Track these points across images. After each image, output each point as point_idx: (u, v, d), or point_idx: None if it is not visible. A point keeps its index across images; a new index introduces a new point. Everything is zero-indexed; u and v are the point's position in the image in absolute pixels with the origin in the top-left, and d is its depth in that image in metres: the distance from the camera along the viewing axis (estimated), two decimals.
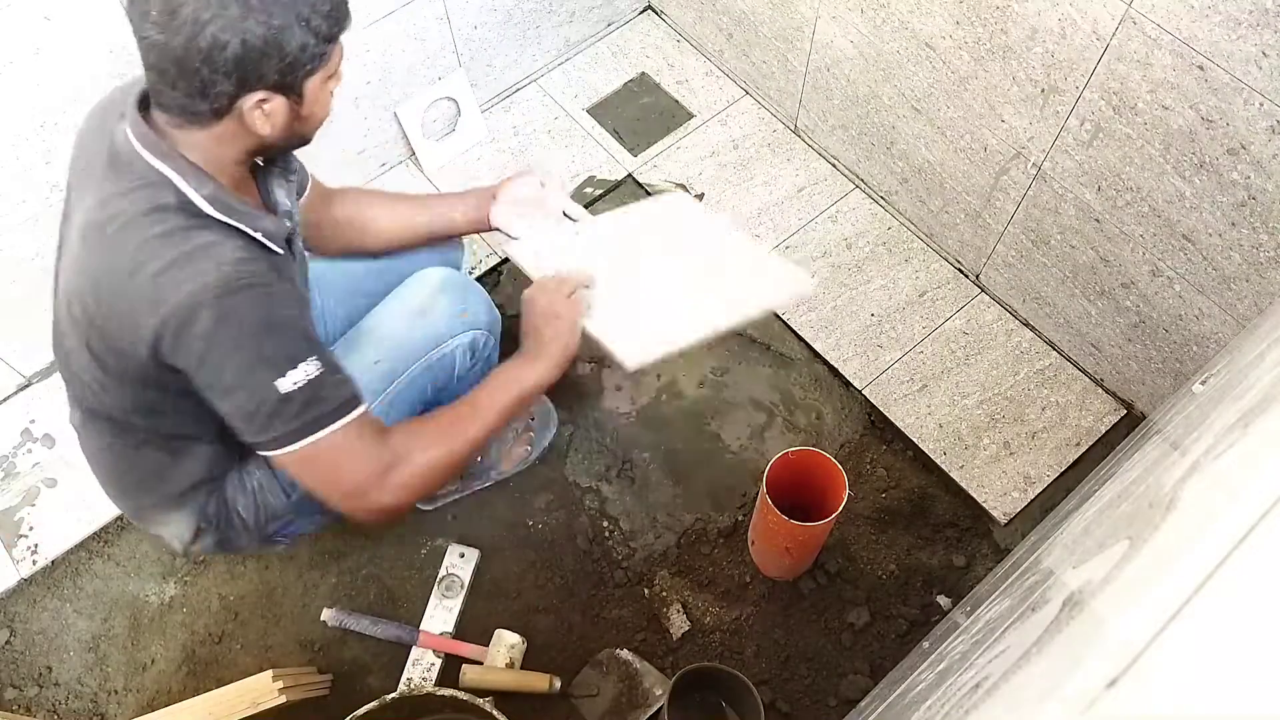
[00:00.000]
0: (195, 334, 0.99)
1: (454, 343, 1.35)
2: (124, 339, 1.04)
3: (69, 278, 1.08)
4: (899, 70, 1.68)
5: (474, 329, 1.35)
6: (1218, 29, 1.19)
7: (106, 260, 1.02)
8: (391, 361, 1.32)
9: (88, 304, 1.05)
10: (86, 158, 1.09)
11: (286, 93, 1.01)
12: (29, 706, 1.55)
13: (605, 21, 2.17)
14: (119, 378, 1.11)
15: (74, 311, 1.08)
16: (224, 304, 0.99)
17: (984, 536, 1.66)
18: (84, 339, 1.09)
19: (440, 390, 1.38)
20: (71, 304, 1.08)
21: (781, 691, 1.54)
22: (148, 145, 1.01)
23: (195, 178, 1.02)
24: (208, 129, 1.01)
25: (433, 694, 1.34)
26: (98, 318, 1.05)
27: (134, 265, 0.99)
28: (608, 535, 1.67)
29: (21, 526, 1.66)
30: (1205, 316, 1.47)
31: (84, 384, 1.16)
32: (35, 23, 1.35)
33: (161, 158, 1.01)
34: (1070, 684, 0.54)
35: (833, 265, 1.90)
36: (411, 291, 1.35)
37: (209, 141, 1.02)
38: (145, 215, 1.00)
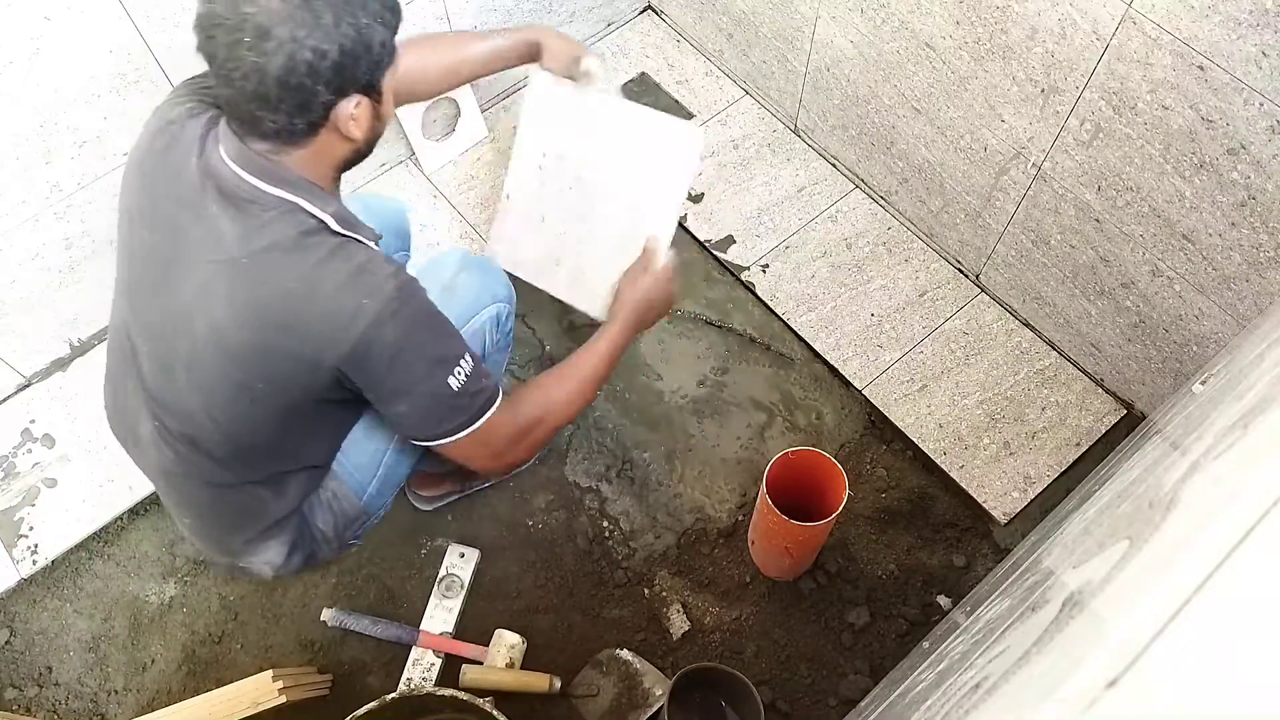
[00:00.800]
0: (386, 343, 1.04)
1: (482, 316, 1.36)
2: (302, 362, 1.05)
3: (209, 314, 1.05)
4: (899, 70, 1.68)
5: (497, 302, 1.39)
6: (1218, 29, 1.19)
7: (272, 289, 1.02)
8: None
9: (246, 337, 1.04)
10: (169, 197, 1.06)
11: (369, 93, 1.04)
12: (29, 706, 1.55)
13: (605, 21, 2.17)
14: (268, 407, 1.10)
15: (220, 347, 1.05)
16: (404, 313, 1.05)
17: (984, 536, 1.66)
18: (234, 372, 1.06)
19: None
20: (216, 339, 1.05)
21: (781, 691, 1.54)
22: (261, 175, 1.02)
23: (318, 198, 1.05)
24: (305, 147, 1.04)
25: (433, 694, 1.34)
26: (265, 347, 1.04)
27: (308, 289, 1.02)
28: (608, 535, 1.67)
29: (21, 526, 1.66)
30: (1205, 316, 1.47)
31: (201, 425, 1.12)
32: (35, 23, 1.35)
33: (280, 184, 1.03)
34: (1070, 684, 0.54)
35: (833, 265, 1.90)
36: (434, 272, 1.36)
37: (309, 159, 1.05)
38: (298, 240, 1.03)
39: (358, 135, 1.06)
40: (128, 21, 1.43)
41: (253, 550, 1.28)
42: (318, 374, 1.06)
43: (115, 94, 1.49)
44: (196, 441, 1.14)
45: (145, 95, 1.52)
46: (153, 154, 1.09)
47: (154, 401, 1.15)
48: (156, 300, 1.09)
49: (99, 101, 1.48)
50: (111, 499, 1.68)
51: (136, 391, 1.17)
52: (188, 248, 1.05)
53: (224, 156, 1.03)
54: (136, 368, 1.15)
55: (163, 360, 1.11)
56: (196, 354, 1.07)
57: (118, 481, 1.69)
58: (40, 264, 1.62)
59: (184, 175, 1.05)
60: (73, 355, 1.80)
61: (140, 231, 1.11)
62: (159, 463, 1.21)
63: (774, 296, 1.87)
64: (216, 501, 1.22)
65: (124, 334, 1.16)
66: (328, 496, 1.31)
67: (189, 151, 1.06)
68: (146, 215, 1.10)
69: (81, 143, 1.51)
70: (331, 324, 1.03)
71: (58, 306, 1.70)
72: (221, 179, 1.03)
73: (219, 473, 1.18)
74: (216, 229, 1.03)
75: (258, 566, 1.30)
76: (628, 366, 1.81)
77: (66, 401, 1.77)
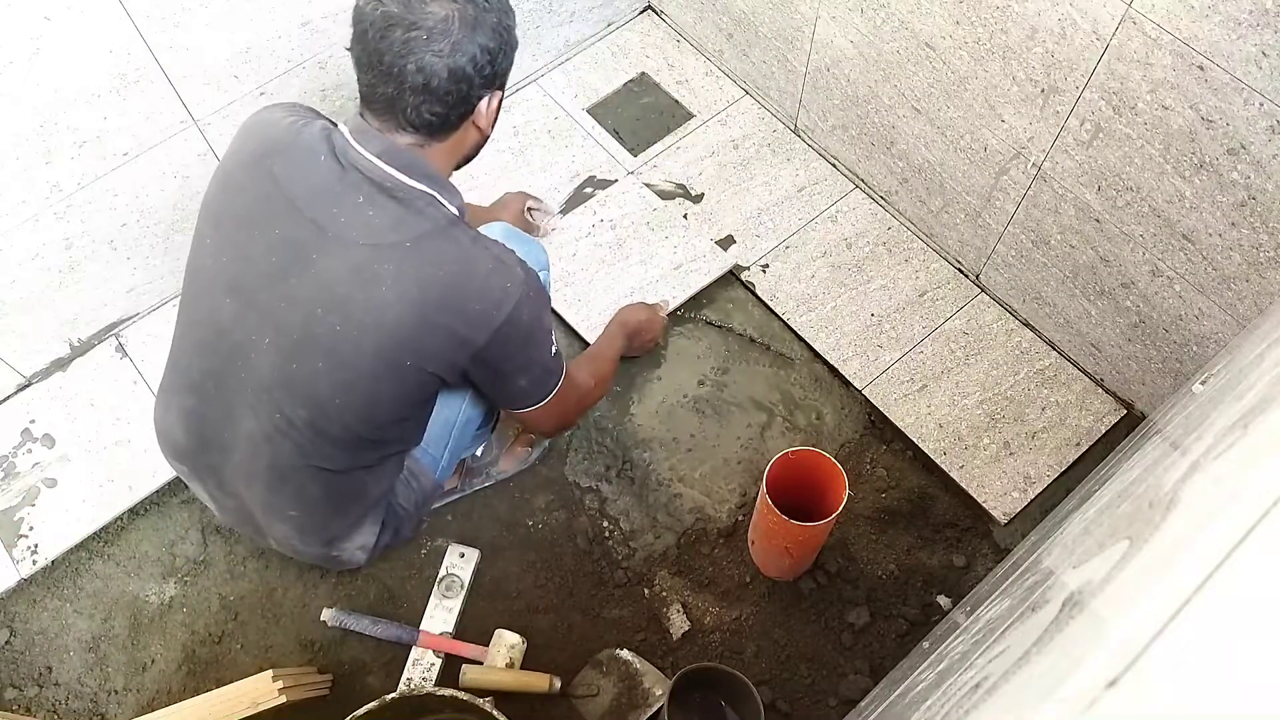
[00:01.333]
0: (524, 322, 1.15)
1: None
2: (455, 339, 1.13)
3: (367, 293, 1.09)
4: (899, 70, 1.68)
5: (543, 269, 1.46)
6: (1218, 29, 1.19)
7: (435, 270, 1.09)
8: None
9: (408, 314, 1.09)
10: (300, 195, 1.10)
11: (502, 88, 1.15)
12: (29, 706, 1.55)
13: (605, 21, 2.17)
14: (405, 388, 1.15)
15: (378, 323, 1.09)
16: (534, 296, 1.16)
17: (984, 536, 1.66)
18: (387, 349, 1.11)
19: None
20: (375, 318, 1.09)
21: (781, 691, 1.54)
22: (406, 170, 1.09)
23: (449, 192, 1.14)
24: (445, 140, 1.13)
25: (433, 694, 1.34)
26: (425, 323, 1.10)
27: (467, 273, 1.11)
28: (608, 535, 1.67)
29: (21, 526, 1.66)
30: (1205, 316, 1.47)
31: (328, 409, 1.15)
32: (35, 23, 1.35)
33: (420, 178, 1.10)
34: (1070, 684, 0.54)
35: (833, 265, 1.90)
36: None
37: (444, 153, 1.14)
38: (448, 230, 1.11)
39: (488, 128, 1.17)
40: (128, 21, 1.43)
41: (350, 534, 1.33)
42: (462, 352, 1.14)
43: (115, 94, 1.49)
44: (320, 428, 1.17)
45: (145, 95, 1.52)
46: (270, 155, 1.13)
47: (275, 393, 1.16)
48: (286, 290, 1.11)
49: (99, 101, 1.48)
50: (111, 499, 1.68)
51: (240, 390, 1.18)
52: (336, 235, 1.09)
53: (364, 152, 1.09)
54: (245, 363, 1.17)
55: (292, 348, 1.13)
56: (343, 335, 1.11)
57: (118, 481, 1.69)
58: (40, 264, 1.62)
59: (316, 171, 1.10)
60: (73, 355, 1.80)
61: (256, 233, 1.13)
62: (270, 457, 1.21)
63: (774, 296, 1.87)
64: (326, 489, 1.25)
65: (223, 337, 1.17)
66: (405, 475, 1.37)
67: (315, 151, 1.11)
68: (263, 216, 1.12)
69: (81, 143, 1.51)
70: (486, 303, 1.11)
71: (58, 306, 1.70)
72: (366, 171, 1.09)
73: (335, 458, 1.21)
74: (366, 216, 1.08)
75: (351, 552, 1.36)
76: (628, 366, 1.81)
77: (66, 401, 1.77)
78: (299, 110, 1.19)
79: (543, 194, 1.99)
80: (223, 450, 1.26)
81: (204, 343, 1.21)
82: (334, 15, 1.64)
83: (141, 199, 1.66)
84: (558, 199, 1.98)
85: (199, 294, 1.20)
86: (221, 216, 1.16)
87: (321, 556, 1.37)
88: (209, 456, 1.28)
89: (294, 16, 1.59)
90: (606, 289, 1.87)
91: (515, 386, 1.24)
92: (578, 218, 1.96)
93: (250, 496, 1.29)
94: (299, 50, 1.65)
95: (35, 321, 1.70)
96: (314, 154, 1.11)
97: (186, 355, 1.24)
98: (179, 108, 1.58)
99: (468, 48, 1.04)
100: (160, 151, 1.61)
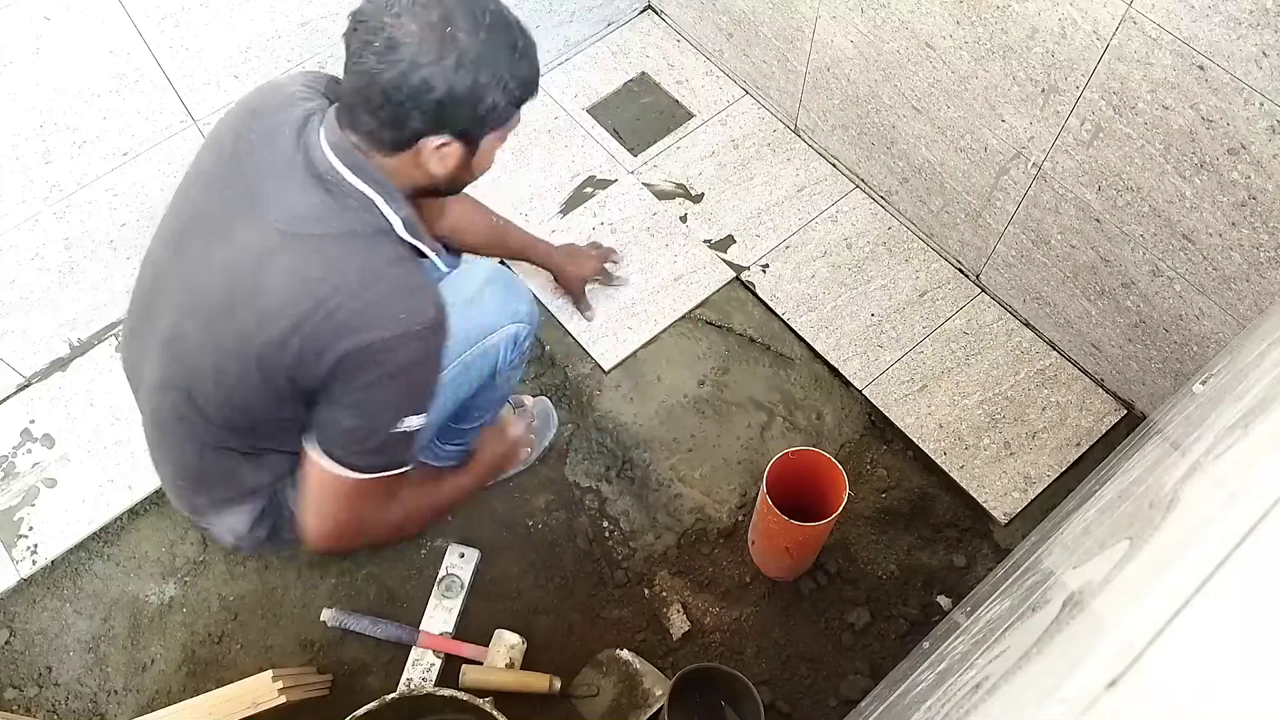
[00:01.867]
0: (391, 361, 1.06)
1: (499, 335, 1.37)
2: (318, 342, 1.05)
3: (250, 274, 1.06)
4: (899, 70, 1.68)
5: (517, 322, 1.39)
6: (1218, 29, 1.19)
7: (323, 269, 1.05)
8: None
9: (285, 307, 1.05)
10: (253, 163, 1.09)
11: (466, 141, 1.07)
12: (29, 706, 1.55)
13: (605, 21, 2.17)
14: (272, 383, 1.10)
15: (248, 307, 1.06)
16: (426, 341, 1.08)
17: (984, 536, 1.66)
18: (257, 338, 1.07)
19: (482, 383, 1.41)
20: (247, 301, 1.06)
21: (781, 691, 1.54)
22: (352, 167, 1.06)
23: (394, 200, 1.08)
24: (389, 158, 1.07)
25: (433, 694, 1.34)
26: (299, 321, 1.05)
27: (362, 285, 1.05)
28: (608, 535, 1.67)
29: (21, 526, 1.66)
30: (1205, 316, 1.47)
31: (203, 381, 1.13)
32: (35, 23, 1.35)
33: (366, 180, 1.06)
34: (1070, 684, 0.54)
35: (833, 265, 1.90)
36: (460, 282, 1.36)
37: (390, 169, 1.08)
38: (367, 238, 1.07)
39: (437, 171, 1.09)
40: (128, 21, 1.43)
41: (219, 513, 1.30)
42: (321, 362, 1.07)
43: (115, 94, 1.49)
44: (195, 397, 1.15)
45: (145, 95, 1.52)
46: (251, 117, 1.12)
47: (166, 349, 1.16)
48: (207, 252, 1.11)
49: (99, 101, 1.48)
50: (111, 499, 1.68)
51: (152, 335, 1.18)
52: (262, 212, 1.07)
53: (322, 140, 1.07)
54: (157, 313, 1.16)
55: (189, 310, 1.12)
56: (226, 312, 1.09)
57: (118, 481, 1.69)
58: (40, 264, 1.62)
59: (277, 146, 1.08)
60: (73, 355, 1.80)
61: (211, 190, 1.12)
62: (154, 408, 1.23)
63: (774, 296, 1.87)
64: (196, 458, 1.24)
65: (156, 279, 1.18)
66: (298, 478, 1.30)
67: (286, 125, 1.09)
68: (221, 174, 1.12)
69: (81, 143, 1.51)
70: (364, 320, 1.05)
71: (58, 306, 1.70)
72: (313, 159, 1.06)
73: (207, 432, 1.19)
74: (294, 201, 1.06)
75: (220, 531, 1.32)
76: (628, 367, 1.81)
77: (66, 401, 1.77)
78: (314, 81, 1.17)
79: (543, 194, 1.99)
80: (139, 388, 1.26)
81: (141, 283, 1.21)
82: (333, 15, 1.64)
83: (141, 199, 1.66)
84: (558, 199, 1.98)
85: (156, 235, 1.20)
86: (193, 168, 1.17)
87: (193, 522, 1.35)
88: (135, 391, 1.29)
89: (294, 16, 1.59)
90: (607, 297, 1.87)
91: (336, 420, 1.11)
92: (578, 219, 1.96)
93: (147, 438, 1.30)
94: (299, 50, 1.65)
95: (35, 321, 1.70)
96: (284, 127, 1.09)
97: (134, 290, 1.24)
98: (179, 108, 1.58)
99: (411, 75, 0.99)
100: (160, 151, 1.61)
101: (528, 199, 1.98)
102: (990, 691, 0.72)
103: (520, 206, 1.97)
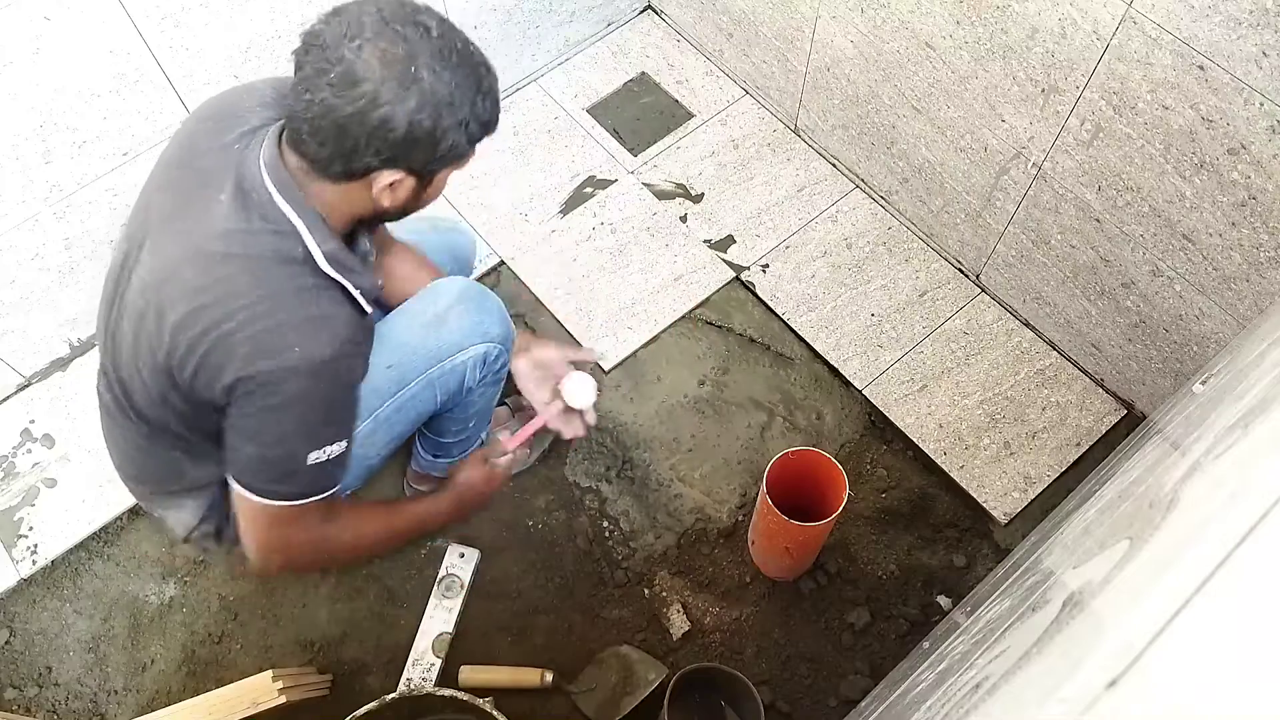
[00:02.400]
0: (284, 391, 1.03)
1: (467, 354, 1.33)
2: (209, 366, 1.04)
3: (161, 285, 1.05)
4: (899, 70, 1.68)
5: (488, 342, 1.33)
6: (1218, 29, 1.19)
7: (223, 291, 1.02)
8: (402, 368, 1.30)
9: (182, 321, 1.04)
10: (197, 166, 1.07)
11: (419, 176, 1.05)
12: (29, 706, 1.55)
13: (605, 21, 2.17)
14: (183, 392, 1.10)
15: (157, 319, 1.06)
16: (319, 376, 1.04)
17: (984, 536, 1.66)
18: (160, 347, 1.06)
19: (449, 400, 1.37)
20: (157, 312, 1.06)
21: (781, 691, 1.54)
22: (282, 189, 1.03)
23: (320, 232, 1.04)
24: (334, 185, 1.04)
25: (433, 694, 1.34)
26: (196, 339, 1.03)
27: (265, 310, 1.01)
28: (608, 535, 1.67)
29: (21, 526, 1.66)
30: (1205, 316, 1.47)
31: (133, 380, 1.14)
32: (35, 23, 1.35)
33: (294, 206, 1.03)
34: (1070, 684, 0.54)
35: (833, 265, 1.90)
36: (429, 300, 1.33)
37: (332, 197, 1.05)
38: (276, 265, 1.03)
39: (386, 204, 1.06)
40: (128, 21, 1.43)
41: (165, 505, 1.30)
42: (216, 386, 1.04)
43: (115, 94, 1.49)
44: (130, 393, 1.16)
45: (145, 95, 1.52)
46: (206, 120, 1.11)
47: (106, 343, 1.17)
48: (141, 253, 1.10)
49: (99, 101, 1.48)
50: (111, 499, 1.68)
51: (104, 323, 1.18)
52: (186, 221, 1.06)
53: (260, 157, 1.04)
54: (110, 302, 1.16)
55: (123, 309, 1.12)
56: (144, 319, 1.08)
57: (117, 481, 1.68)
58: (40, 264, 1.62)
59: (219, 155, 1.07)
60: (73, 355, 1.80)
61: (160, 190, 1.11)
62: (101, 400, 1.25)
63: (774, 296, 1.87)
64: (139, 450, 1.24)
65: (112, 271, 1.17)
66: None
67: (233, 131, 1.07)
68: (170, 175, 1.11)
69: (81, 143, 1.51)
70: (255, 348, 1.02)
71: (58, 306, 1.70)
72: (245, 176, 1.04)
73: (143, 425, 1.19)
74: (214, 213, 1.04)
75: (171, 521, 1.32)
76: (628, 367, 1.81)
77: (66, 401, 1.77)
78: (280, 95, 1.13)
79: (543, 194, 1.99)
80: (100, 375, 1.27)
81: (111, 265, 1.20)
82: None
83: None
84: (558, 199, 1.98)
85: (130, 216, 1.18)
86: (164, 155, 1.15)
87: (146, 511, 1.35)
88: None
89: (294, 16, 1.59)
90: (608, 298, 1.87)
91: (239, 449, 1.09)
92: (578, 219, 1.96)
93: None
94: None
95: (35, 321, 1.70)
96: (230, 133, 1.07)
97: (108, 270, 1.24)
98: (179, 108, 1.58)
99: (369, 114, 0.95)
100: (160, 151, 1.61)
101: (527, 199, 1.98)
102: (990, 691, 0.72)
103: (520, 206, 1.97)
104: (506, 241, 1.94)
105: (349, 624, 1.60)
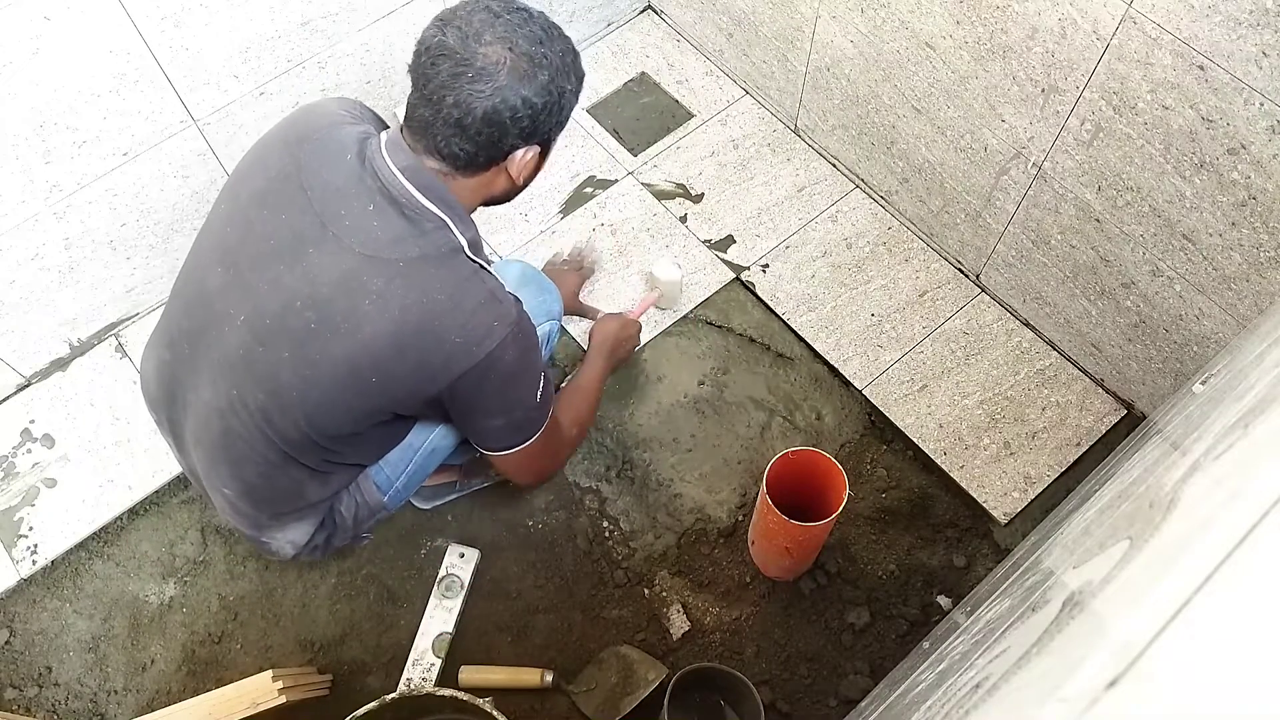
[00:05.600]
0: (506, 363, 1.13)
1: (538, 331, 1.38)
2: (425, 370, 1.11)
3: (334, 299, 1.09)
4: (899, 70, 1.68)
5: (551, 319, 1.47)
6: (1218, 29, 1.19)
7: (421, 295, 1.08)
8: None
9: (385, 332, 1.08)
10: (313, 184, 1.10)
11: (544, 145, 1.15)
12: (29, 706, 1.55)
13: (605, 21, 2.17)
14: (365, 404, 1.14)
15: (353, 335, 1.09)
16: (518, 340, 1.14)
17: (984, 536, 1.66)
18: (358, 362, 1.10)
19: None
20: (351, 328, 1.09)
21: (781, 691, 1.54)
22: (423, 189, 1.09)
23: (463, 222, 1.13)
24: (472, 177, 1.13)
25: (433, 694, 1.34)
26: (400, 347, 1.09)
27: (453, 304, 1.09)
28: (608, 535, 1.67)
29: (21, 526, 1.66)
30: (1205, 316, 1.47)
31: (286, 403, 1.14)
32: (35, 23, 1.35)
33: (437, 202, 1.10)
34: (1070, 684, 0.54)
35: (833, 265, 1.90)
36: None
37: (469, 189, 1.14)
38: (446, 257, 1.11)
39: (520, 180, 1.16)
40: (128, 21, 1.43)
41: (280, 527, 1.31)
42: (430, 384, 1.12)
43: (115, 94, 1.49)
44: (271, 417, 1.16)
45: (145, 95, 1.53)
46: (303, 141, 1.14)
47: (237, 371, 1.16)
48: (274, 274, 1.11)
49: (99, 101, 1.48)
50: (111, 499, 1.68)
51: (208, 356, 1.18)
52: (336, 235, 1.09)
53: (391, 164, 1.09)
54: (218, 334, 1.16)
55: (265, 331, 1.12)
56: (316, 333, 1.10)
57: (117, 481, 1.69)
58: (40, 264, 1.62)
59: (338, 168, 1.11)
60: (72, 355, 1.81)
61: (268, 210, 1.13)
62: (219, 431, 1.21)
63: (774, 296, 1.87)
64: (263, 477, 1.24)
65: (208, 302, 1.17)
66: (353, 487, 1.36)
67: (344, 148, 1.12)
68: (278, 195, 1.12)
69: (81, 143, 1.51)
70: (467, 338, 1.10)
71: (58, 306, 1.71)
72: (387, 183, 1.09)
73: (280, 451, 1.20)
74: (370, 225, 1.09)
75: (280, 544, 1.34)
76: (628, 367, 1.81)
77: (66, 401, 1.77)
78: (353, 108, 1.20)
79: (542, 194, 1.99)
80: (184, 409, 1.26)
81: (189, 303, 1.21)
82: (333, 15, 1.64)
83: (141, 199, 1.66)
84: (558, 199, 1.98)
85: (200, 255, 1.20)
86: (240, 188, 1.17)
87: (250, 538, 1.35)
88: (172, 411, 1.29)
89: (294, 16, 1.59)
90: (609, 300, 1.87)
91: (489, 426, 1.22)
92: (578, 219, 1.96)
93: (198, 460, 1.29)
94: (299, 50, 1.65)
95: (35, 321, 1.70)
96: (343, 150, 1.11)
97: (174, 311, 1.24)
98: (179, 108, 1.58)
99: (510, 97, 1.04)
100: (160, 151, 1.62)
101: (527, 199, 1.98)
102: (990, 691, 0.72)
103: (520, 207, 1.97)
104: (507, 242, 1.94)
105: (349, 624, 1.60)
